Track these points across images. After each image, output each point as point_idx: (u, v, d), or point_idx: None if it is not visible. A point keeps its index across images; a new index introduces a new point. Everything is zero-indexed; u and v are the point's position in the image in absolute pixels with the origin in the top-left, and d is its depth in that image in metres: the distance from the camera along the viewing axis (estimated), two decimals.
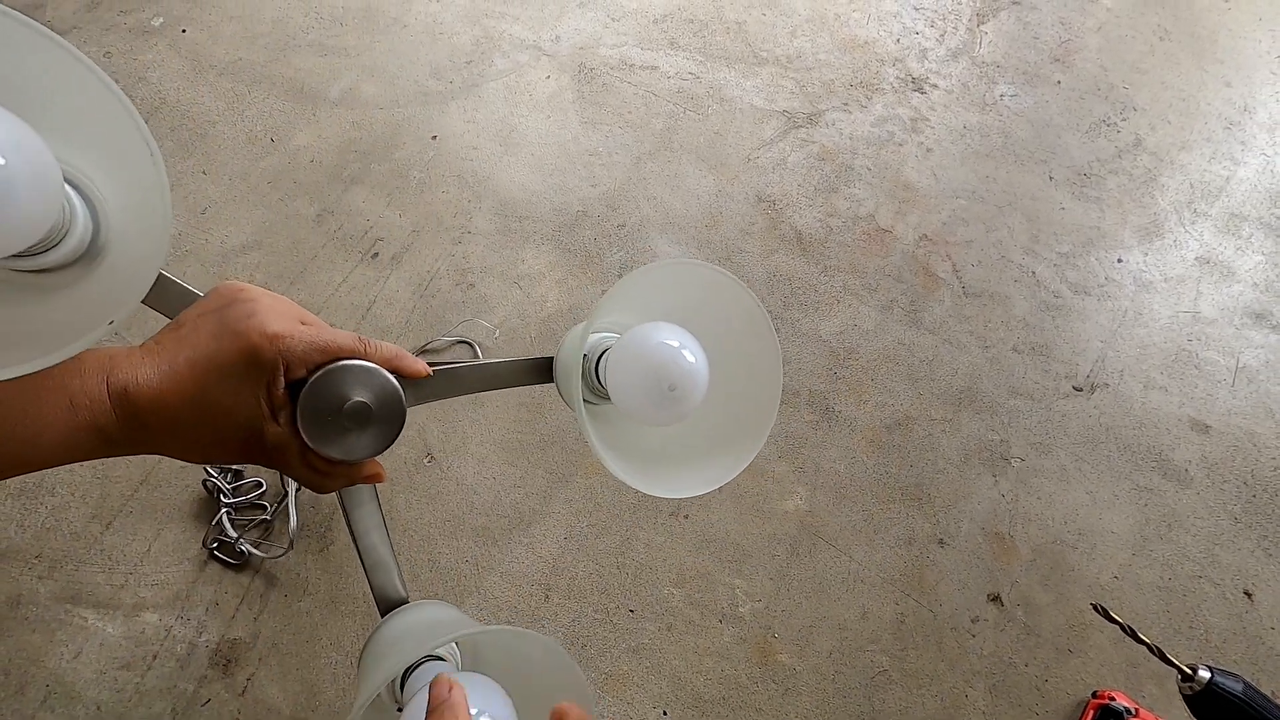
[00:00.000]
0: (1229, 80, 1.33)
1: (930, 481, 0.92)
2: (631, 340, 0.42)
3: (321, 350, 0.39)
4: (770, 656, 0.81)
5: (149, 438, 0.38)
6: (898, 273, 1.08)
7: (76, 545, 0.79)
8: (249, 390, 0.38)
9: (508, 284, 1.00)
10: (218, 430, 0.38)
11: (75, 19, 1.15)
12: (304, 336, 0.39)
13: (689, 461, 0.48)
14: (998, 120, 1.24)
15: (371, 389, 0.40)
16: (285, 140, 1.08)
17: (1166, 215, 1.17)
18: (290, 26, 1.19)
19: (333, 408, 0.40)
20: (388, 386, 0.41)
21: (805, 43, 1.30)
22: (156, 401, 0.37)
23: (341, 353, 0.40)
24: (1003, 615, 0.86)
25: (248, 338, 0.37)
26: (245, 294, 0.40)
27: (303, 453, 0.40)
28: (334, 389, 0.40)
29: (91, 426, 0.36)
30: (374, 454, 0.42)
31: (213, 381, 0.37)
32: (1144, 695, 0.82)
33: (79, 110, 0.32)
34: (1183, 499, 0.94)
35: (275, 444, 0.39)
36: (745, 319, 0.46)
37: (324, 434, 0.40)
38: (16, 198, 0.28)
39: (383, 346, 0.42)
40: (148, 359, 0.38)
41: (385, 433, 0.41)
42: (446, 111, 1.14)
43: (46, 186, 0.29)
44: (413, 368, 0.43)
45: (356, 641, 0.78)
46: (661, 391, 0.40)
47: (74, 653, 0.74)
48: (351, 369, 0.40)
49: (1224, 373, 1.03)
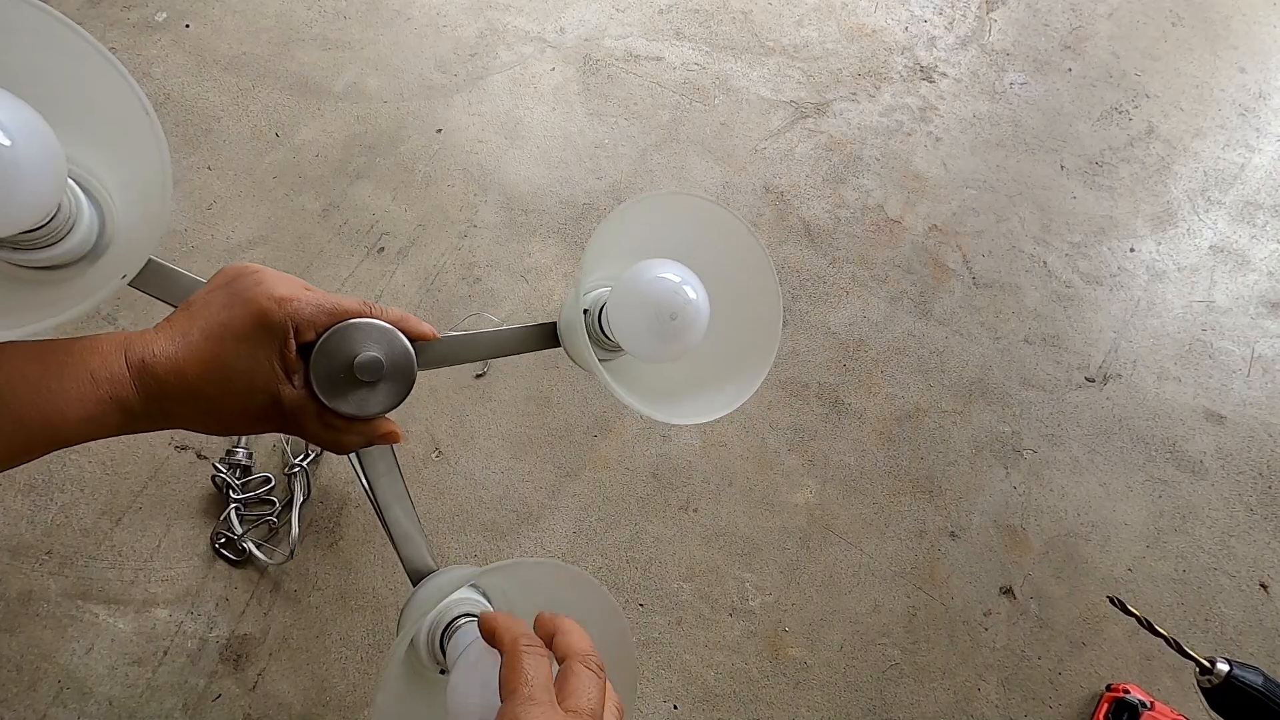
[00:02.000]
0: (1243, 66, 1.31)
1: (941, 474, 0.92)
2: (627, 280, 0.43)
3: (329, 312, 0.41)
4: (781, 650, 0.81)
5: (170, 409, 0.38)
6: (907, 264, 1.07)
7: (87, 541, 0.79)
8: (263, 354, 0.39)
9: (514, 277, 1.00)
10: (236, 397, 0.39)
11: (78, 14, 1.15)
12: (311, 299, 0.40)
13: (704, 392, 0.49)
14: (1008, 109, 1.23)
15: (381, 344, 0.41)
16: (290, 135, 1.07)
17: (1180, 203, 1.16)
18: (294, 20, 1.19)
19: (344, 364, 0.40)
20: (396, 342, 0.42)
21: (812, 31, 1.28)
22: (175, 372, 0.38)
23: (348, 314, 0.41)
24: (1015, 608, 0.85)
25: (257, 303, 0.39)
26: (250, 268, 0.41)
27: (319, 413, 0.41)
28: (344, 346, 0.40)
29: (113, 400, 0.37)
30: (388, 409, 0.42)
31: (228, 348, 0.38)
32: (1159, 688, 0.81)
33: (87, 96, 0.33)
34: (1197, 490, 0.93)
35: (291, 406, 0.40)
36: (738, 246, 0.47)
37: (337, 390, 0.41)
38: (22, 176, 0.29)
39: (389, 309, 0.43)
40: (162, 334, 0.39)
41: (397, 388, 0.42)
42: (451, 105, 1.13)
43: (51, 167, 0.30)
44: (419, 329, 0.44)
45: (366, 637, 0.78)
46: (664, 322, 0.41)
47: (85, 648, 0.75)
48: (360, 326, 0.41)
49: (1239, 362, 1.02)
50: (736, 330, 0.48)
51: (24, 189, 0.29)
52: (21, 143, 0.28)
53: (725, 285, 0.46)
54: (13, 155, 0.28)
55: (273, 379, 0.39)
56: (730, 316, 0.47)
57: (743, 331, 0.48)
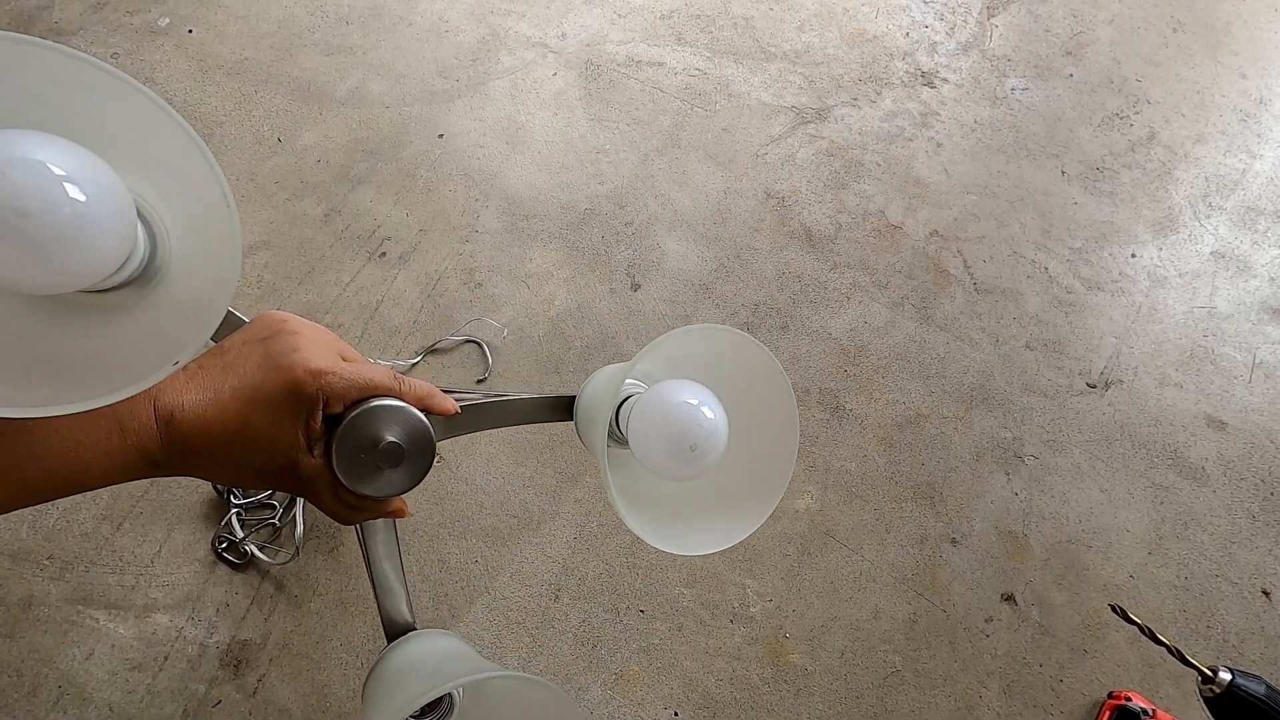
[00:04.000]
0: (1244, 72, 1.31)
1: (942, 480, 0.92)
2: (657, 398, 0.43)
3: (360, 388, 0.41)
4: (782, 657, 0.81)
5: (191, 461, 0.39)
6: (908, 269, 1.07)
7: (87, 546, 0.79)
8: (289, 422, 0.39)
9: (515, 283, 1.00)
10: (257, 458, 0.39)
11: (82, 20, 1.15)
12: (344, 373, 0.40)
13: (704, 514, 0.49)
14: (1009, 114, 1.23)
15: (404, 428, 0.42)
16: (292, 140, 1.08)
17: (1181, 209, 1.16)
18: (296, 26, 1.19)
19: (366, 446, 0.41)
20: (419, 426, 0.42)
21: (813, 37, 1.29)
22: (201, 428, 0.38)
23: (377, 390, 0.42)
24: (1016, 615, 0.85)
25: (292, 372, 0.39)
26: (289, 325, 0.41)
27: (333, 486, 0.42)
28: (368, 428, 0.41)
29: (139, 450, 0.37)
30: (403, 491, 0.43)
31: (257, 412, 0.38)
32: (1161, 696, 0.81)
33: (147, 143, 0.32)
34: (1199, 497, 0.93)
35: (309, 475, 0.40)
36: (766, 379, 0.47)
37: (357, 471, 0.41)
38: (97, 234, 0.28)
39: (416, 385, 0.43)
40: (193, 384, 0.39)
41: (415, 471, 0.43)
42: (453, 110, 1.13)
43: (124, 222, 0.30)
44: (442, 406, 0.45)
45: (367, 642, 0.77)
46: (683, 451, 0.42)
47: (86, 654, 0.75)
48: (386, 409, 0.41)
49: (1241, 369, 1.02)
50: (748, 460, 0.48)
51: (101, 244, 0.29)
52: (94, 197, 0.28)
53: (747, 414, 0.46)
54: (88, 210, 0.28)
55: (294, 448, 0.40)
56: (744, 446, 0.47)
57: (754, 462, 0.48)
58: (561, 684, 0.77)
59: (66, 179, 0.28)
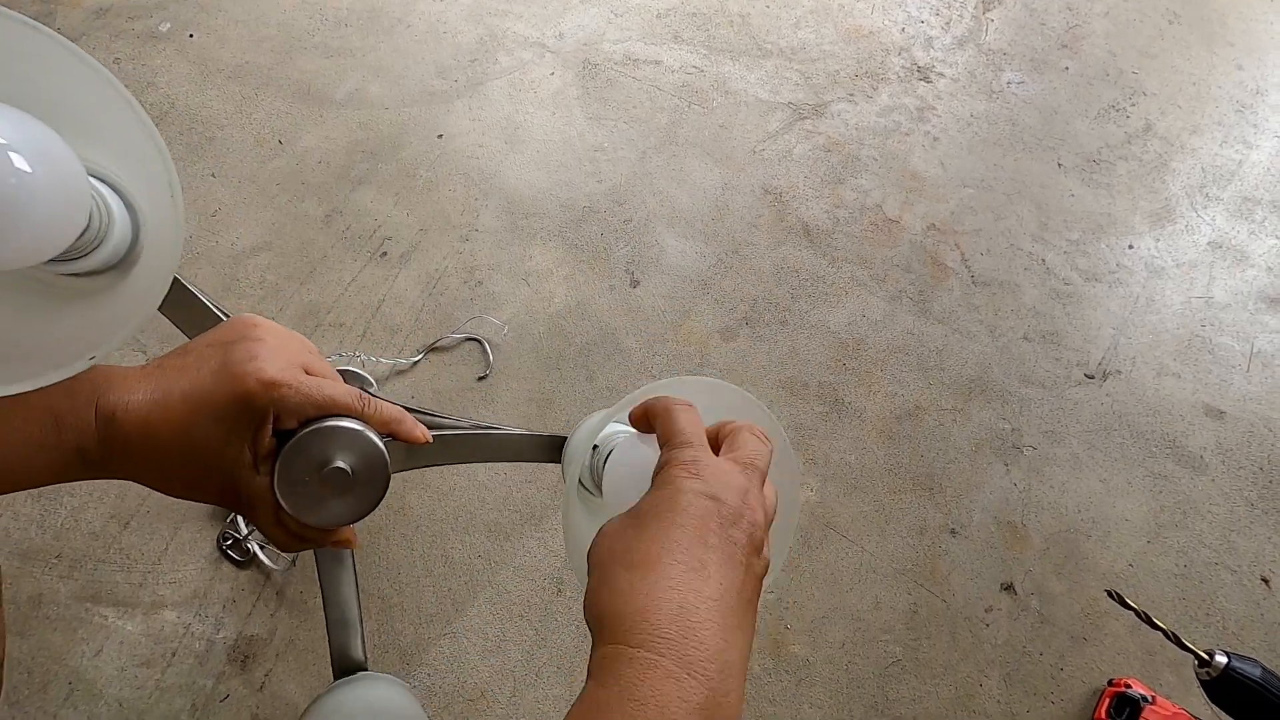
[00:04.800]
0: (1240, 63, 1.31)
1: (941, 471, 0.92)
2: (636, 456, 0.39)
3: (316, 405, 0.37)
4: (783, 648, 0.81)
5: (128, 465, 0.36)
6: (906, 263, 1.07)
7: (95, 545, 0.80)
8: (236, 436, 0.36)
9: (515, 281, 1.01)
10: (197, 469, 0.37)
11: (84, 25, 1.16)
12: (301, 387, 0.37)
13: None
14: (1005, 108, 1.24)
15: (356, 454, 0.38)
16: (293, 142, 1.09)
17: (1178, 200, 1.16)
18: (295, 29, 1.20)
19: (312, 469, 0.37)
20: (373, 453, 0.38)
21: (809, 34, 1.29)
22: (143, 430, 0.35)
23: (336, 409, 0.38)
24: (1016, 604, 0.85)
25: (244, 382, 0.36)
26: (255, 331, 0.38)
27: (276, 509, 0.38)
28: (316, 450, 0.37)
29: (75, 448, 0.35)
30: (347, 523, 0.39)
31: (202, 421, 0.36)
32: (1161, 683, 0.82)
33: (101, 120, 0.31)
34: (1198, 486, 0.93)
35: (251, 494, 0.38)
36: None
37: (297, 495, 0.38)
38: (47, 202, 0.27)
39: (384, 408, 0.40)
40: (144, 384, 0.37)
41: (362, 502, 0.39)
42: (452, 110, 1.14)
43: (76, 188, 0.28)
44: (411, 434, 0.41)
45: (372, 638, 0.78)
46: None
47: (95, 650, 0.76)
48: (339, 430, 0.37)
49: (1238, 358, 1.02)
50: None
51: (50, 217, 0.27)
52: (43, 169, 0.26)
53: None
54: (35, 182, 0.26)
55: (238, 464, 0.37)
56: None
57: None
58: (563, 677, 0.78)
59: (9, 148, 0.26)
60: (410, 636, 0.79)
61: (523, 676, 0.78)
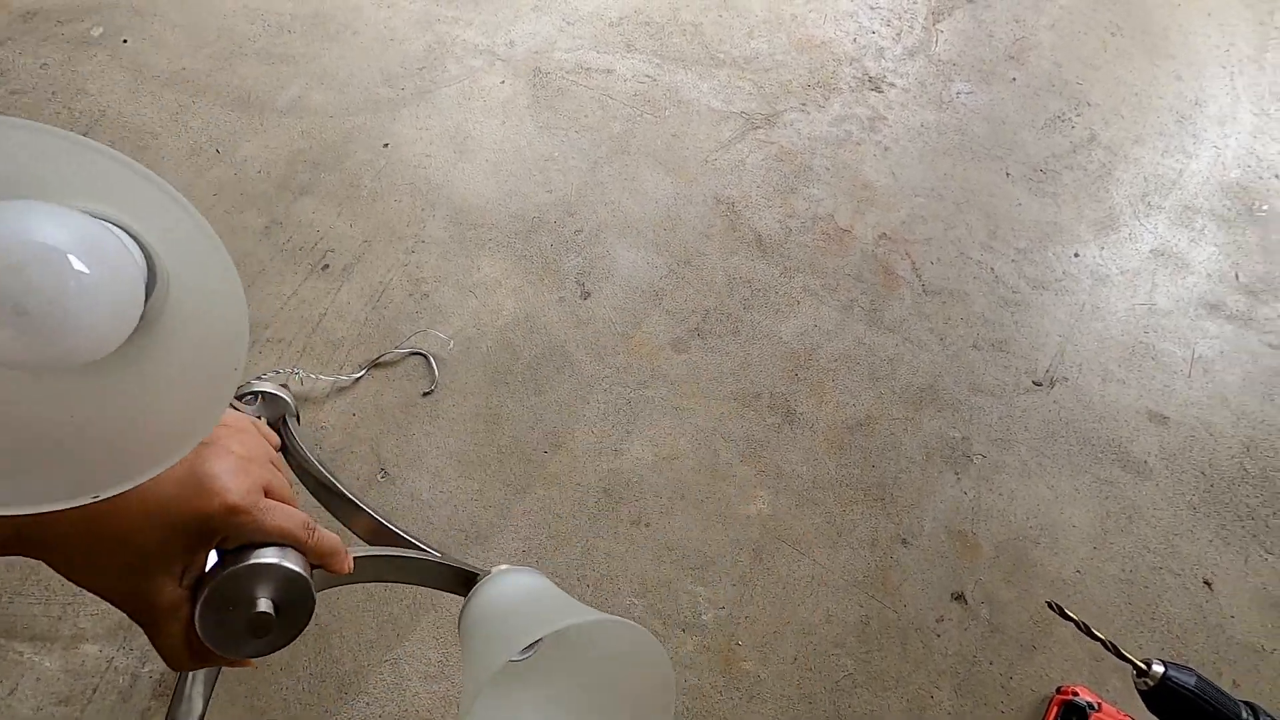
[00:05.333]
0: (1180, 75, 1.35)
1: (893, 481, 0.92)
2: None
3: (266, 534, 0.38)
4: (734, 664, 0.80)
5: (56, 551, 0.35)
6: (857, 272, 1.07)
7: (11, 576, 0.76)
8: (177, 547, 0.36)
9: (463, 292, 0.98)
10: (117, 564, 0.35)
11: (10, 30, 1.12)
12: (259, 518, 0.37)
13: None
14: (954, 118, 1.25)
15: (287, 594, 0.38)
16: (231, 151, 1.05)
17: (1121, 209, 1.18)
18: (235, 35, 1.17)
19: (240, 605, 0.37)
20: (304, 593, 0.39)
21: (762, 44, 1.29)
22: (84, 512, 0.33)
23: (284, 539, 0.38)
24: (967, 613, 0.85)
25: (208, 501, 0.35)
26: (227, 441, 0.38)
27: (187, 627, 0.37)
28: (245, 589, 0.37)
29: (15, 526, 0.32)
30: (264, 654, 0.39)
31: (150, 523, 0.35)
32: (1108, 690, 0.82)
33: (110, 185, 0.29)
34: (1142, 491, 0.94)
35: (166, 604, 0.36)
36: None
37: (219, 629, 0.37)
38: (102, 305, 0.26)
39: (323, 540, 0.40)
40: None
41: (280, 639, 0.39)
42: (398, 118, 1.12)
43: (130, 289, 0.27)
44: (339, 567, 0.42)
45: (309, 666, 0.75)
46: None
47: (9, 689, 0.71)
48: (273, 571, 0.38)
49: (1180, 364, 1.04)
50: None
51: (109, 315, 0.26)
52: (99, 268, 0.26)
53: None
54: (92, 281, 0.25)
55: (164, 571, 0.36)
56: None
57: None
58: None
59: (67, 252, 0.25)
60: (349, 665, 0.76)
61: None
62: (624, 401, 0.93)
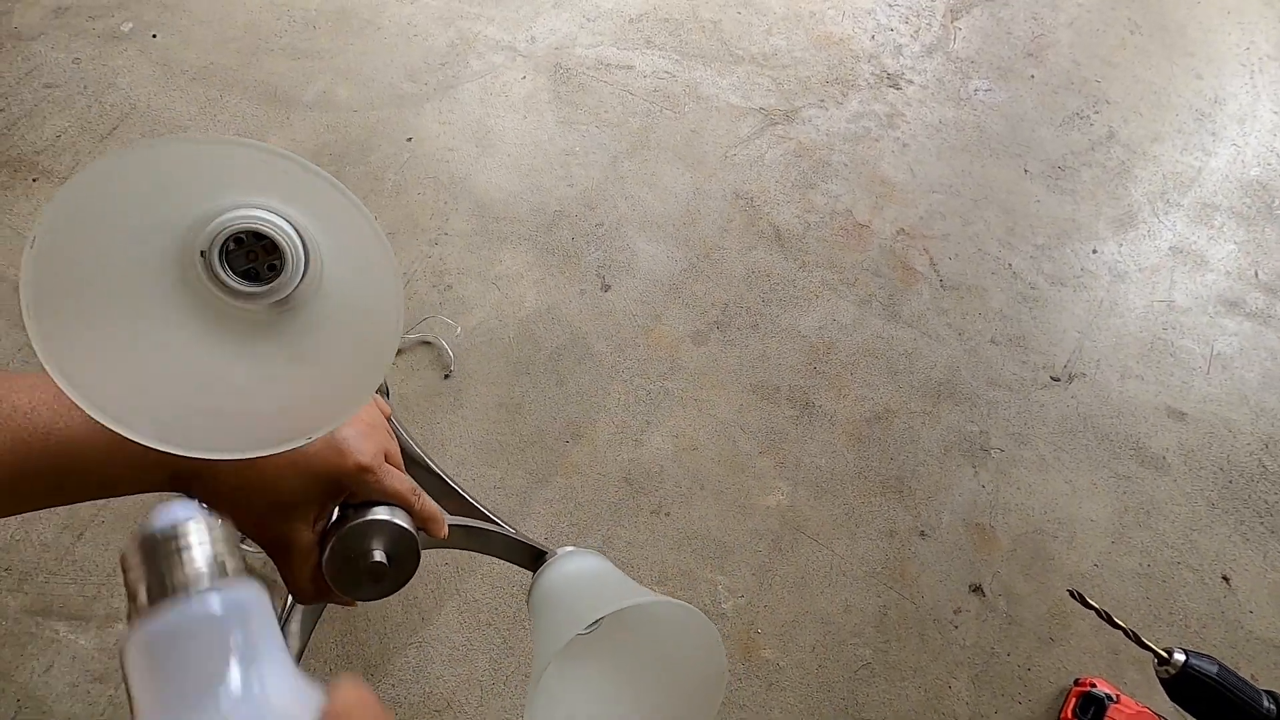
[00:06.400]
0: (1199, 72, 1.34)
1: (911, 474, 0.93)
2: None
3: (384, 494, 0.44)
4: (753, 652, 0.81)
5: (210, 486, 0.40)
6: (875, 267, 1.08)
7: (47, 557, 0.78)
8: (314, 498, 0.41)
9: (485, 284, 1.00)
10: (268, 511, 0.41)
11: (43, 25, 1.14)
12: (381, 478, 0.43)
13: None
14: (972, 115, 1.25)
15: (398, 548, 0.44)
16: None
17: (1140, 206, 1.18)
18: (262, 30, 1.18)
19: (359, 554, 0.44)
20: (411, 549, 0.45)
21: (781, 40, 1.30)
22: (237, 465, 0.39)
23: (397, 500, 0.44)
24: (984, 605, 0.86)
25: (344, 459, 0.41)
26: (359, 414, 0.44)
27: (315, 567, 0.44)
28: (366, 541, 0.44)
29: (169, 465, 0.38)
30: (376, 599, 0.46)
31: (295, 474, 0.40)
32: (1125, 682, 0.82)
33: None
34: (1160, 486, 0.95)
35: (301, 546, 0.42)
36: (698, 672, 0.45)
37: (341, 572, 0.44)
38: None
39: (428, 505, 0.46)
40: None
41: (388, 587, 0.45)
42: (421, 113, 1.13)
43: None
44: (438, 532, 0.48)
45: (334, 649, 0.77)
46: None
47: (45, 666, 0.73)
48: (389, 528, 0.44)
49: (1199, 360, 1.04)
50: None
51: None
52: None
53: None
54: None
55: (302, 517, 0.42)
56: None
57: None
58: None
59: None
60: (375, 647, 0.77)
61: (490, 685, 0.77)
62: (644, 393, 0.94)
